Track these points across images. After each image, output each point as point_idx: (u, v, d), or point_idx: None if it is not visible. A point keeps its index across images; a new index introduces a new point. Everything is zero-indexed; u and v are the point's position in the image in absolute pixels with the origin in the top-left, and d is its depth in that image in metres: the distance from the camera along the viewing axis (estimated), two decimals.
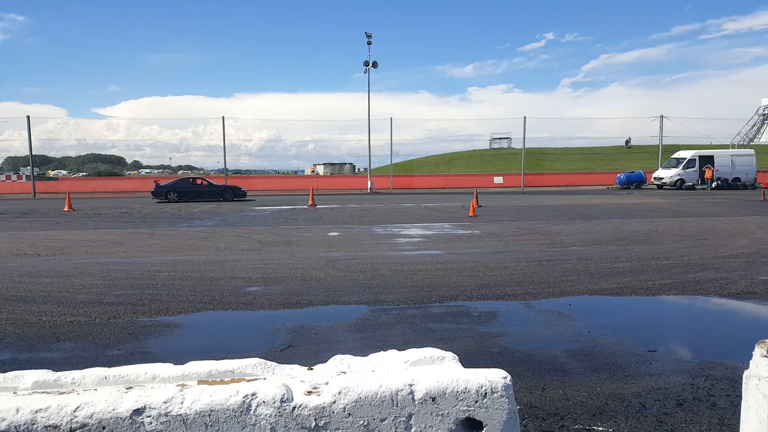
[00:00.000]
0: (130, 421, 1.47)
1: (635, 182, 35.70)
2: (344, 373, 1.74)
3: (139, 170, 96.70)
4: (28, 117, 31.12)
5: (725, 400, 3.25)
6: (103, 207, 21.37)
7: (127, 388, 1.60)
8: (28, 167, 35.02)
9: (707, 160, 33.48)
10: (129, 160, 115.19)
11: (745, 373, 1.86)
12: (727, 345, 4.49)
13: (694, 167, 33.46)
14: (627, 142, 60.42)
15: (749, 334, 4.49)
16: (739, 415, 1.92)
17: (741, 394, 1.90)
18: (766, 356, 1.76)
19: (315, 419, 1.54)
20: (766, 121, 58.35)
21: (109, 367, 1.73)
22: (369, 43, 35.22)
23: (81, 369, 1.71)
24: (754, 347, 1.82)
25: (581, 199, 24.40)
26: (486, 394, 1.60)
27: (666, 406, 3.19)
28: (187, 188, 25.94)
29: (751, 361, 1.83)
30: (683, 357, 4.08)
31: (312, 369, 1.80)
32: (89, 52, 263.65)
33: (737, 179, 33.43)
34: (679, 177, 33.36)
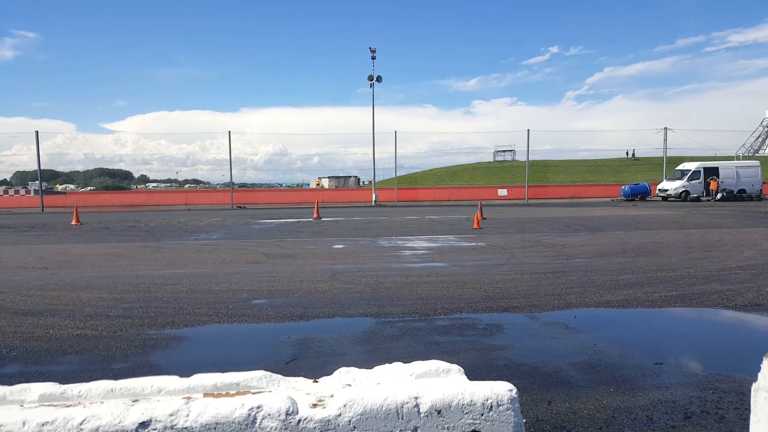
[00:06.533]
0: None
1: (640, 194, 35.55)
2: (349, 385, 1.74)
3: (147, 184, 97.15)
4: (37, 132, 31.44)
5: (734, 413, 3.22)
6: (111, 221, 21.48)
7: (133, 401, 1.60)
8: (37, 182, 35.25)
9: (712, 172, 33.36)
10: (136, 174, 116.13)
11: (754, 385, 1.84)
12: (734, 357, 4.45)
13: (698, 179, 33.34)
14: (628, 153, 59.38)
15: (757, 347, 4.45)
16: (749, 428, 1.90)
17: (750, 407, 1.89)
18: None
19: None
20: None
21: (116, 379, 1.74)
22: (373, 58, 35.48)
23: (87, 382, 1.72)
24: (763, 359, 1.81)
25: (586, 211, 24.32)
26: (492, 407, 1.60)
27: (674, 419, 3.16)
28: None
29: (759, 374, 1.82)
30: (691, 370, 4.04)
31: (317, 381, 1.80)
32: (97, 67, 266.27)
33: (742, 191, 33.24)
34: (684, 189, 33.23)
